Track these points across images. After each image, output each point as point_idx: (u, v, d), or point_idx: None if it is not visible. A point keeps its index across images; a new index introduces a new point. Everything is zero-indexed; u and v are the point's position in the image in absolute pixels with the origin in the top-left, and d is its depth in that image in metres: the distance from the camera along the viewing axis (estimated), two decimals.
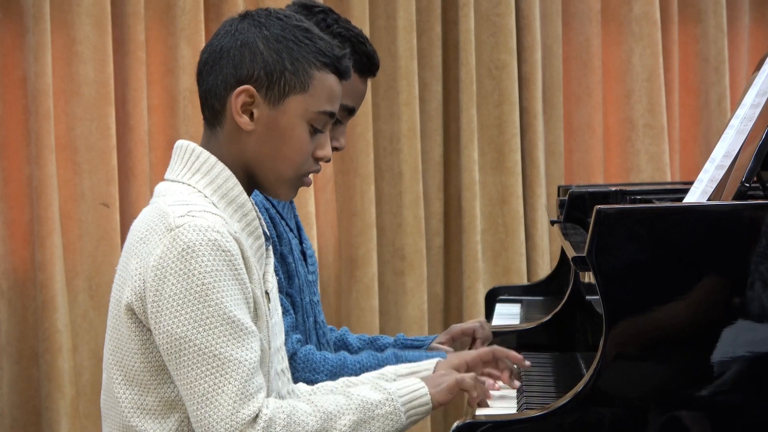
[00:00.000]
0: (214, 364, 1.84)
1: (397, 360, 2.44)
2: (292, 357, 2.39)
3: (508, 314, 3.17)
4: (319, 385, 2.22)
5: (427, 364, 2.25)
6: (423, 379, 2.05)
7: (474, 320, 2.76)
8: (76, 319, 3.91)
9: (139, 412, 1.92)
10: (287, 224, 2.50)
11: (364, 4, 4.23)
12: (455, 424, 1.97)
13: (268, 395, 1.97)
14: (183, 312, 1.84)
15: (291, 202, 2.56)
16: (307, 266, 2.55)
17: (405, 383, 2.02)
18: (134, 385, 1.92)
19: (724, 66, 4.60)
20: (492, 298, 3.38)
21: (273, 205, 2.46)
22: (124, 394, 1.93)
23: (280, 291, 2.41)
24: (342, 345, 2.68)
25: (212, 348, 1.84)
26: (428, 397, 2.01)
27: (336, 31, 2.43)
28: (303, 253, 2.55)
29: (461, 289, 4.38)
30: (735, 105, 2.27)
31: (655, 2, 4.54)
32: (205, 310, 1.84)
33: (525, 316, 3.15)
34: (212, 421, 1.83)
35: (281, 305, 2.37)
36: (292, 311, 2.44)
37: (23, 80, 3.87)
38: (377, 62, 2.51)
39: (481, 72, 4.41)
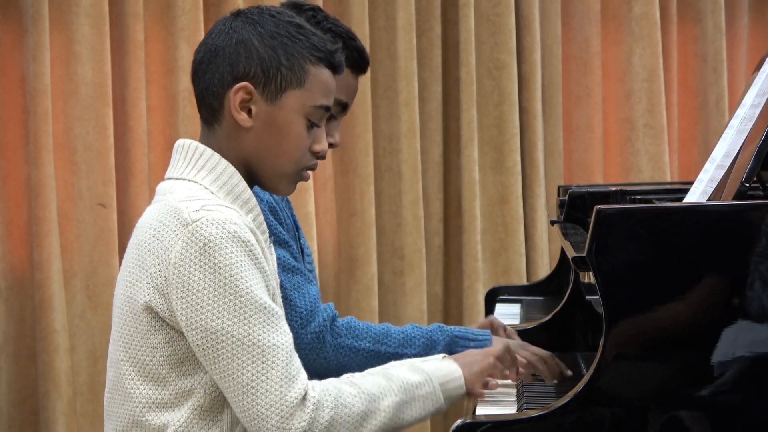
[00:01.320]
0: (254, 353, 1.86)
1: (441, 332, 2.47)
2: (332, 321, 2.42)
3: (508, 314, 3.16)
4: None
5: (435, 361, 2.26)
6: (456, 359, 2.07)
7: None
8: (74, 319, 3.91)
9: (154, 407, 1.94)
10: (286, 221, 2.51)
11: (363, 4, 4.23)
12: (455, 424, 1.96)
13: None
14: (216, 305, 1.86)
15: (287, 201, 2.57)
16: (304, 264, 2.56)
17: (440, 365, 2.04)
18: (150, 379, 1.94)
19: (723, 66, 4.60)
20: (492, 298, 3.38)
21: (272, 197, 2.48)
22: (139, 389, 1.94)
23: (298, 261, 2.43)
24: None
25: (250, 337, 1.86)
26: (462, 380, 2.03)
27: (326, 28, 2.46)
28: (301, 249, 2.57)
29: (461, 289, 4.38)
30: (733, 105, 2.27)
31: (654, 2, 4.54)
32: (237, 301, 1.86)
33: (525, 316, 3.15)
34: (261, 408, 1.86)
35: (304, 275, 2.41)
36: (315, 281, 2.46)
37: (22, 80, 3.86)
38: (368, 58, 2.55)
39: (480, 72, 4.41)
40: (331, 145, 2.48)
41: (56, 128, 3.88)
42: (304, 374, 1.90)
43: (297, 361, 1.90)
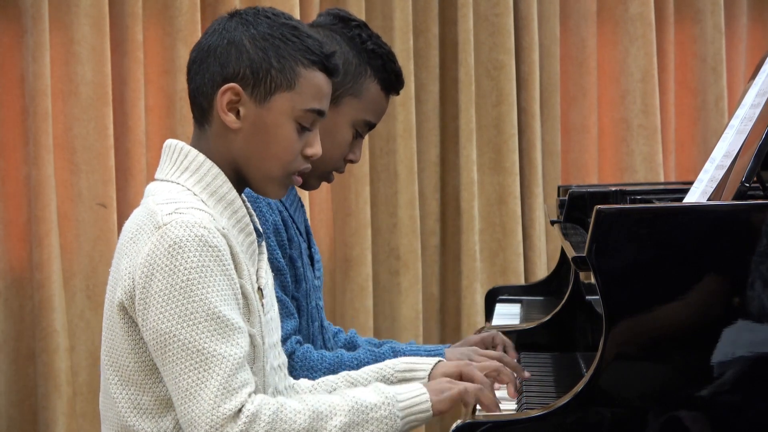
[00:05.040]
0: (198, 359, 1.85)
1: (395, 354, 2.43)
2: (290, 356, 2.40)
3: (508, 314, 3.17)
4: (321, 379, 2.22)
5: (427, 362, 2.24)
6: (425, 385, 2.02)
7: (490, 332, 2.66)
8: (73, 319, 3.91)
9: (136, 412, 1.94)
10: (297, 228, 2.50)
11: (360, 4, 4.23)
12: (455, 424, 1.96)
13: (263, 391, 1.98)
14: (168, 308, 1.85)
15: (302, 206, 2.56)
16: (313, 271, 2.55)
17: (407, 388, 2.00)
18: (129, 385, 1.94)
19: (722, 66, 4.61)
20: (492, 298, 3.38)
21: (285, 208, 2.46)
22: (120, 394, 1.94)
23: (287, 294, 2.41)
24: (352, 348, 2.67)
25: (196, 343, 1.85)
26: (429, 404, 1.99)
27: (369, 48, 2.44)
28: (311, 257, 2.55)
29: (459, 289, 4.39)
30: (733, 105, 2.28)
31: (650, 3, 4.55)
32: (189, 306, 1.85)
33: (525, 316, 3.15)
34: (194, 415, 1.84)
35: (287, 308, 2.37)
36: (296, 315, 2.43)
37: (21, 80, 3.87)
38: (403, 82, 2.51)
39: (479, 72, 4.41)
40: (350, 161, 2.47)
41: (56, 128, 3.88)
42: (247, 390, 1.86)
43: (244, 376, 1.87)
